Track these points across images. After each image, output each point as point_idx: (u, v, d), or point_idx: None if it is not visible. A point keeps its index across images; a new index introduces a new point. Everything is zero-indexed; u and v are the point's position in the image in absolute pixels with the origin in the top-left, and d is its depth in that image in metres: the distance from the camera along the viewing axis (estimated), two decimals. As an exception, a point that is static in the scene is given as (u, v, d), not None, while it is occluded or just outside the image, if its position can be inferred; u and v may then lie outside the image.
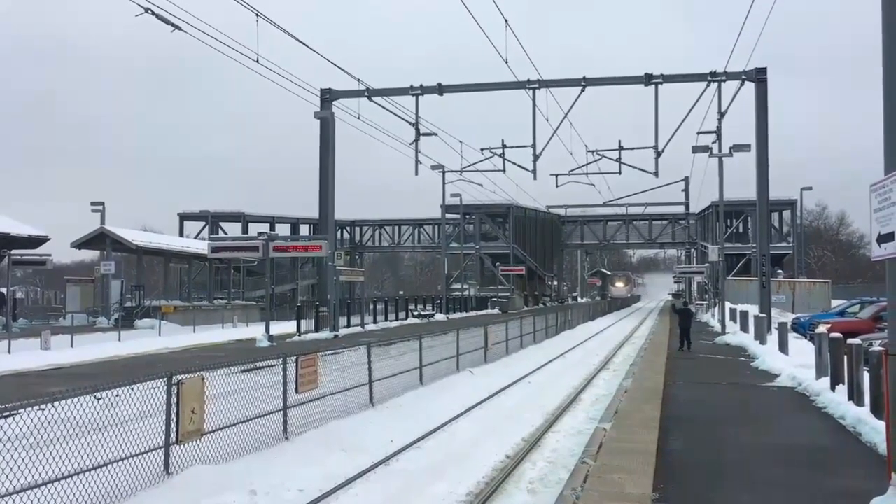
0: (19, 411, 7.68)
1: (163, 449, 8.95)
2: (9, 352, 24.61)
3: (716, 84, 32.33)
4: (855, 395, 12.29)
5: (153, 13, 16.62)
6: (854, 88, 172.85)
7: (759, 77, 31.92)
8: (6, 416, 7.84)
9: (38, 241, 42.14)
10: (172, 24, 17.10)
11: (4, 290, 38.50)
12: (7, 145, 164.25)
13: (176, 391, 9.05)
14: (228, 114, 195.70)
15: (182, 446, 9.18)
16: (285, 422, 11.40)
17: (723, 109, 33.03)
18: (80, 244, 43.98)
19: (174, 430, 9.01)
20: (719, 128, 33.88)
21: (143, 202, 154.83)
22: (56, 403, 7.76)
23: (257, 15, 19.95)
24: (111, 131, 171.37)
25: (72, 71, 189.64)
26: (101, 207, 40.94)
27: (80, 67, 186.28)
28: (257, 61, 20.67)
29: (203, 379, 9.60)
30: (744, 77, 32.01)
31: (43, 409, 7.76)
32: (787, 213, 65.96)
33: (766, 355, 20.82)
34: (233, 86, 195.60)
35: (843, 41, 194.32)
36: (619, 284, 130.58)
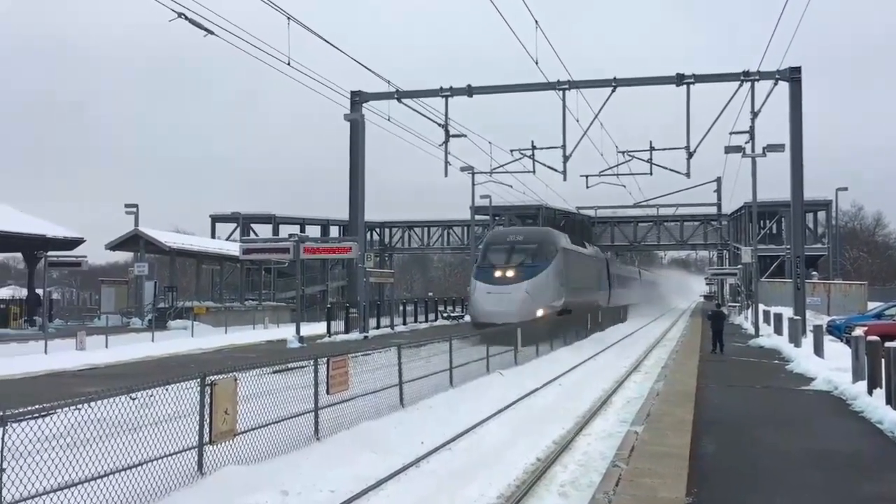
0: (56, 411, 7.79)
1: (196, 449, 9.03)
2: (45, 352, 25.02)
3: (748, 84, 31.97)
4: (893, 399, 12.07)
5: (186, 17, 16.79)
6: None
7: (792, 76, 31.50)
8: (43, 416, 7.96)
9: (73, 243, 42.81)
10: (205, 29, 17.27)
11: (41, 292, 39.12)
12: (40, 146, 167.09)
13: (209, 392, 9.13)
14: (260, 114, 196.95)
15: (215, 446, 9.26)
16: (316, 423, 11.45)
17: (756, 109, 32.66)
18: (115, 246, 44.57)
19: (207, 430, 9.10)
20: (752, 128, 33.48)
21: (174, 204, 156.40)
22: (92, 403, 7.87)
23: (288, 18, 20.10)
24: (141, 132, 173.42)
25: (102, 73, 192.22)
26: (134, 210, 41.45)
27: (107, 70, 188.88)
28: (289, 64, 20.82)
29: (236, 380, 9.68)
30: (777, 76, 31.61)
31: (79, 409, 7.87)
32: (821, 214, 64.97)
33: (801, 358, 20.54)
34: (261, 86, 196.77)
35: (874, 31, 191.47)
36: None
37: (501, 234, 35.75)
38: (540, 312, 29.24)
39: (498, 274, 31.20)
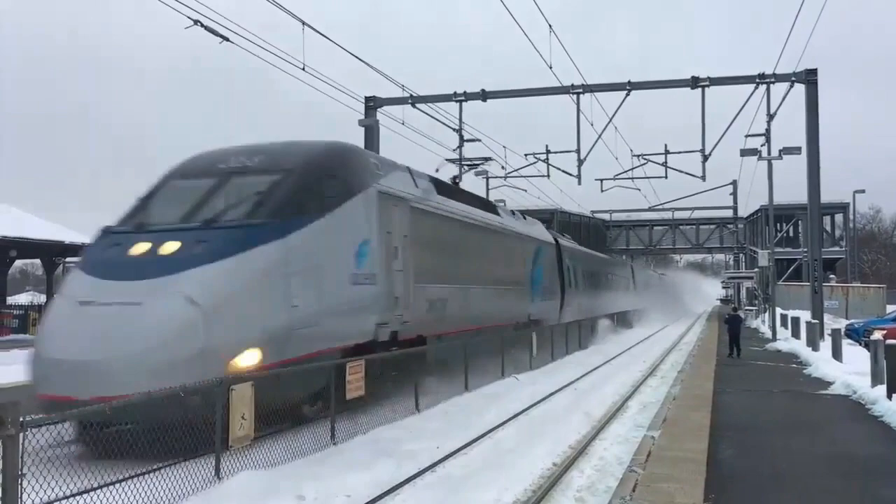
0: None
1: (214, 454, 9.07)
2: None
3: (764, 86, 31.79)
4: (912, 404, 11.98)
5: (202, 25, 16.90)
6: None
7: (809, 78, 31.28)
8: (63, 421, 8.02)
9: (91, 249, 43.07)
10: (221, 36, 17.37)
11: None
12: (62, 154, 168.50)
13: (226, 397, 9.17)
14: (276, 120, 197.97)
15: (232, 451, 9.30)
16: (333, 427, 11.48)
17: (772, 112, 32.46)
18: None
19: (225, 435, 9.14)
20: (768, 130, 33.22)
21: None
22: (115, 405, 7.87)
23: (303, 24, 20.17)
24: (163, 137, 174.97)
25: (120, 78, 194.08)
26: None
27: (126, 74, 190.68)
28: (303, 69, 20.89)
29: (252, 385, 9.71)
30: (793, 79, 31.40)
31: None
32: (839, 217, 64.54)
33: (819, 362, 20.39)
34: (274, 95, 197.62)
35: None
36: None
37: (210, 157, 14.23)
38: (246, 359, 10.80)
39: (138, 251, 11.47)
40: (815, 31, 24.84)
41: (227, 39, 17.41)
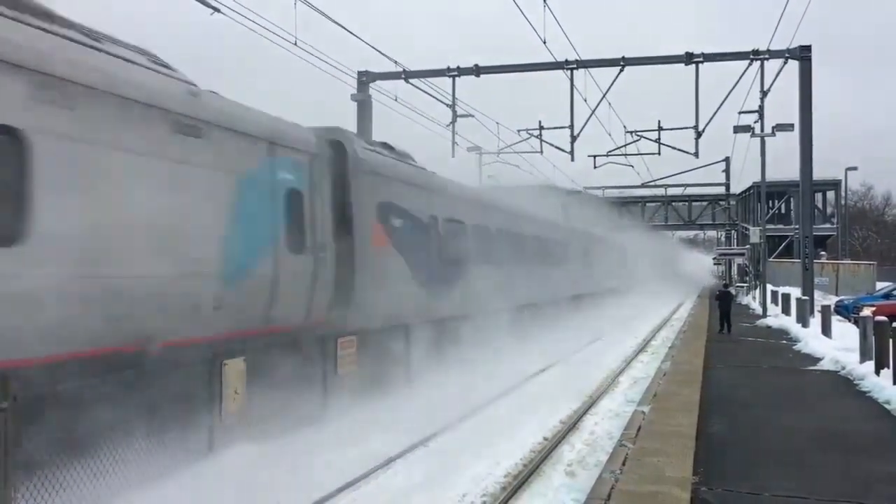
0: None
1: (208, 427, 9.11)
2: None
3: (758, 62, 31.73)
4: (900, 380, 12.10)
5: (192, -4, 16.73)
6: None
7: (802, 55, 31.21)
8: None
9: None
10: (212, 7, 17.21)
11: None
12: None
13: (219, 372, 9.21)
14: (266, 96, 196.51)
15: (225, 425, 9.35)
16: (325, 401, 11.53)
17: (765, 88, 32.44)
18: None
19: (219, 409, 9.19)
20: (761, 107, 33.23)
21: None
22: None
23: (294, -3, 19.96)
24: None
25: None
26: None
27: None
28: (295, 44, 20.72)
29: (244, 361, 9.73)
30: (787, 55, 31.33)
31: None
32: (830, 194, 64.59)
33: (809, 338, 20.54)
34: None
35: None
36: None
37: None
38: None
39: None
40: (808, 7, 24.74)
41: (218, 10, 17.24)
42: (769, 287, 35.14)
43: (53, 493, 6.87)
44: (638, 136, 36.68)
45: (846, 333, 20.51)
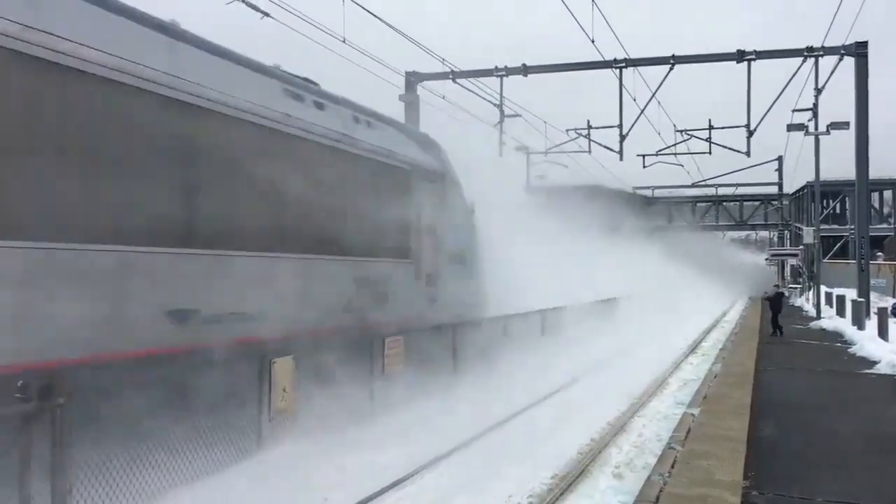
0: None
1: (256, 425, 9.24)
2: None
3: (812, 59, 31.04)
4: (961, 384, 11.75)
5: (243, 0, 17.00)
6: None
7: (859, 51, 30.45)
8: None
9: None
10: (262, 12, 17.45)
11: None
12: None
13: (268, 371, 9.34)
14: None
15: (273, 423, 9.46)
16: (372, 401, 11.59)
17: (820, 86, 31.71)
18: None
19: (267, 407, 9.31)
20: (816, 105, 32.51)
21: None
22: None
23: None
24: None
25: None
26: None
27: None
28: (344, 41, 20.91)
29: (293, 359, 9.85)
30: (843, 52, 30.59)
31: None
32: (887, 193, 63.04)
33: (865, 341, 20.06)
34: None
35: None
36: None
37: None
38: None
39: None
40: (864, 3, 24.15)
41: (268, 15, 17.48)
42: (823, 288, 34.40)
43: (108, 489, 7.04)
44: (688, 134, 36.19)
45: (904, 336, 19.99)
